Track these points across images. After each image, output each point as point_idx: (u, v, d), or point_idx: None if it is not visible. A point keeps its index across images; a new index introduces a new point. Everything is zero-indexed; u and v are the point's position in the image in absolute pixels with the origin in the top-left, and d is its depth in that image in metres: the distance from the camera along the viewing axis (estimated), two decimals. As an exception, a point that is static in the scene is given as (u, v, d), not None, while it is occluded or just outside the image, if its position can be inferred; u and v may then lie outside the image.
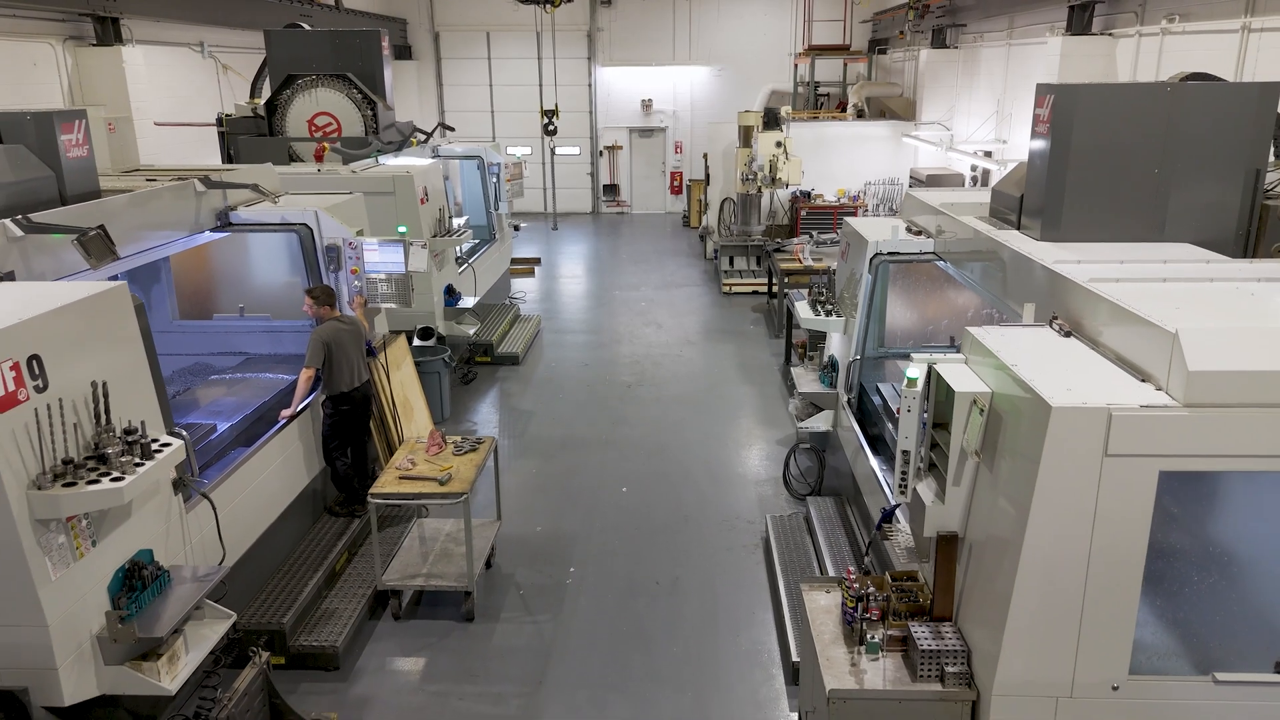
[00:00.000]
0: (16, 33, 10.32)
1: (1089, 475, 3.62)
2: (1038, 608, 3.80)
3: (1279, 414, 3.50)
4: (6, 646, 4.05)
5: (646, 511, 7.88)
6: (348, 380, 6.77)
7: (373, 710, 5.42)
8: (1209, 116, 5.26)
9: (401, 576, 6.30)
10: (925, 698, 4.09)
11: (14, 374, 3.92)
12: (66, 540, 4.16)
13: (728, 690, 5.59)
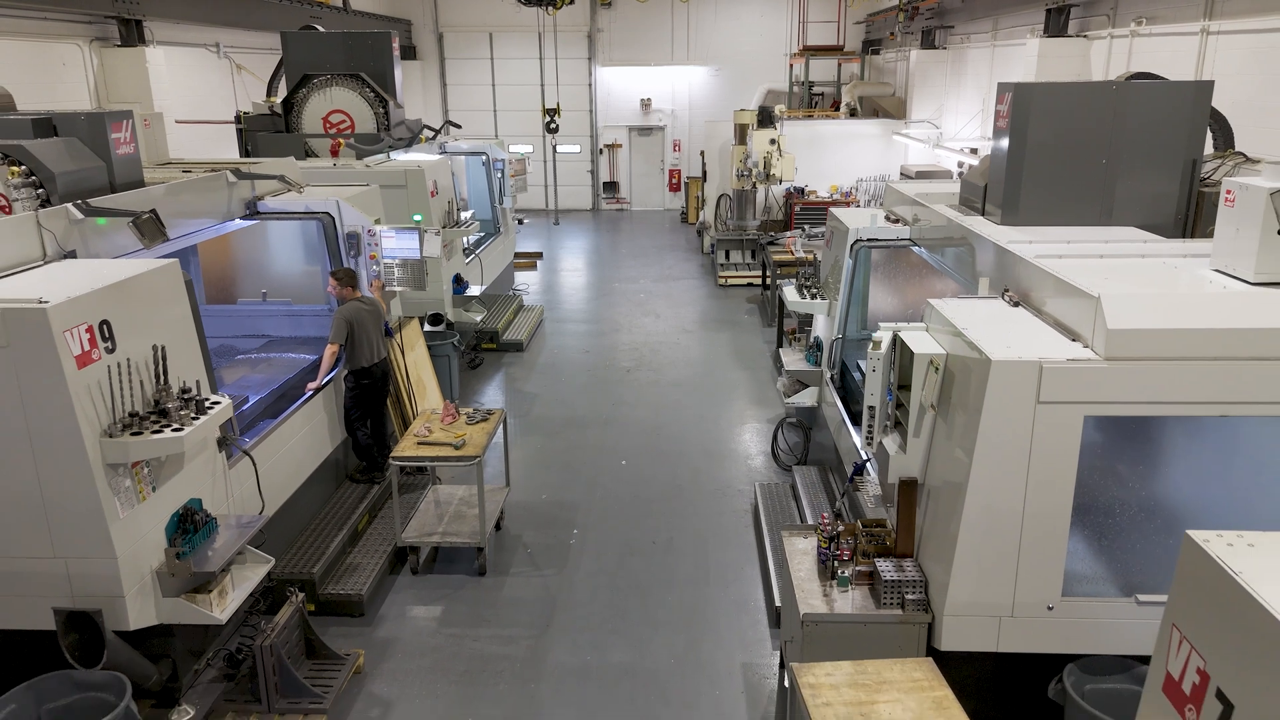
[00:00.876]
0: (47, 34, 10.89)
1: (1024, 421, 4.19)
2: (982, 540, 4.37)
3: (1186, 365, 4.07)
4: (81, 576, 4.61)
5: (644, 482, 8.44)
6: (368, 356, 7.33)
7: (395, 649, 5.99)
8: (1151, 112, 5.83)
9: (419, 534, 6.88)
10: (887, 620, 4.66)
11: (89, 336, 4.48)
12: (131, 484, 4.73)
13: (717, 633, 6.16)
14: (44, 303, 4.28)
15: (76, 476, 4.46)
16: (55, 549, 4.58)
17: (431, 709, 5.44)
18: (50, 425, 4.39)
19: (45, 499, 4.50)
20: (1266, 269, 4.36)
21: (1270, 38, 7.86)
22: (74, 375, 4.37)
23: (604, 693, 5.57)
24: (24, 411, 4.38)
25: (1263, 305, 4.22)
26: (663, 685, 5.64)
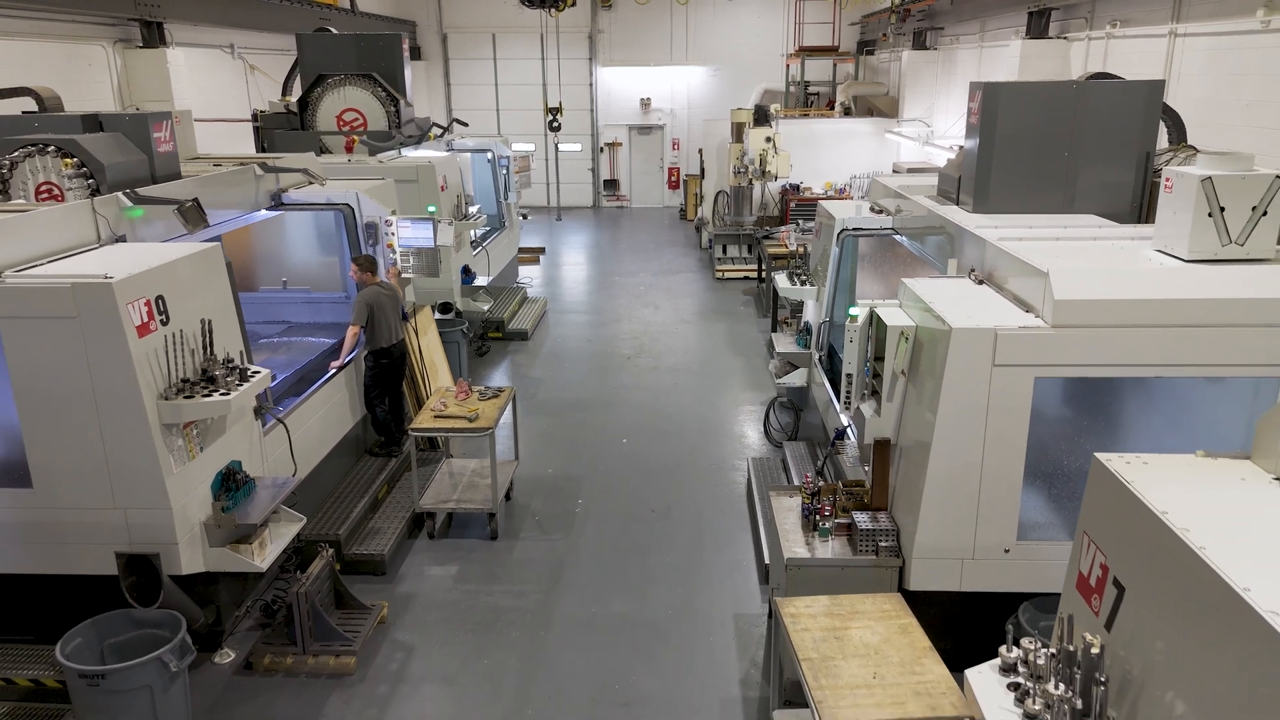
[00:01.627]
0: (75, 36, 11.40)
1: (981, 382, 4.72)
2: (945, 491, 4.90)
3: (1125, 331, 4.60)
4: (139, 525, 5.14)
5: (644, 458, 8.97)
6: (386, 337, 7.85)
7: (416, 603, 6.51)
8: (1108, 109, 6.36)
9: (435, 501, 7.40)
10: (862, 565, 5.19)
11: (147, 309, 5.02)
12: (183, 444, 5.26)
13: (711, 589, 6.69)
14: (109, 278, 4.81)
15: (137, 435, 4.99)
16: (116, 500, 5.11)
17: (451, 654, 5.97)
18: (114, 389, 4.92)
19: (108, 455, 5.03)
20: (1199, 247, 4.88)
21: (1227, 40, 8.39)
22: (135, 343, 4.90)
23: (608, 639, 6.10)
24: (90, 376, 4.91)
25: (1193, 279, 4.75)
26: (662, 633, 6.17)
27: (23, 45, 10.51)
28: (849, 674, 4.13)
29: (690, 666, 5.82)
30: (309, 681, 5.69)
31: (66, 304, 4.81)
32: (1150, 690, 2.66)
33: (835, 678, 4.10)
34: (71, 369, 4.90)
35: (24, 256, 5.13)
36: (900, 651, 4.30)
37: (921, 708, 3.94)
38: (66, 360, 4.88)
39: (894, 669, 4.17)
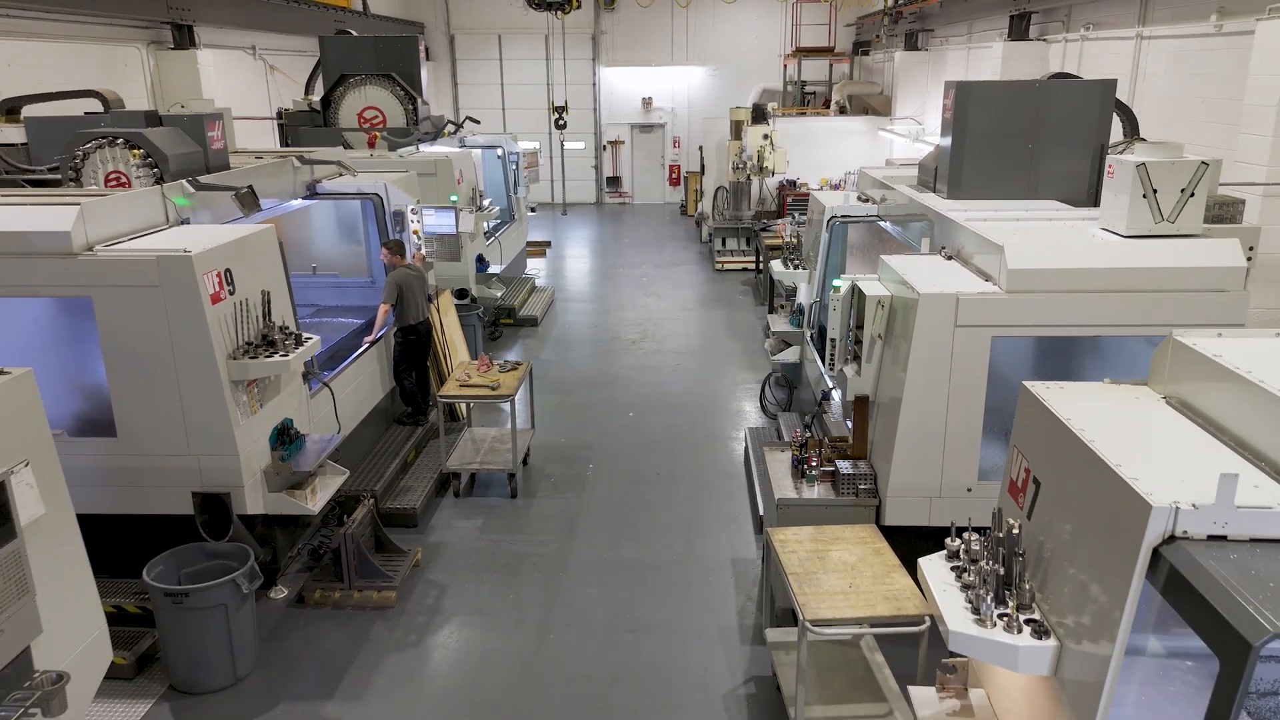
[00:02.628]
0: (112, 39, 12.13)
1: (945, 341, 5.45)
2: (915, 437, 5.63)
3: (1069, 296, 5.33)
4: (210, 470, 5.87)
5: (649, 429, 9.70)
6: (414, 315, 8.57)
7: (446, 550, 7.24)
8: (1067, 105, 7.08)
9: (460, 463, 8.13)
10: (844, 504, 5.92)
11: (218, 280, 5.74)
12: (246, 400, 5.98)
13: (711, 538, 7.42)
14: (188, 252, 5.54)
15: (210, 390, 5.71)
16: (190, 448, 5.83)
17: (479, 591, 6.70)
18: (191, 349, 5.64)
19: (184, 408, 5.75)
20: (1135, 225, 5.60)
21: (1186, 42, 9.12)
22: (209, 309, 5.62)
23: (619, 579, 6.83)
24: (170, 338, 5.63)
25: (1129, 251, 5.48)
26: (666, 574, 6.90)
27: (68, 47, 11.23)
28: (829, 584, 4.86)
29: (692, 601, 6.55)
30: (354, 614, 6.42)
31: (152, 274, 5.54)
32: (1056, 561, 3.38)
33: (817, 587, 4.83)
34: (154, 332, 5.62)
35: (109, 234, 5.85)
36: (873, 568, 5.03)
37: (889, 608, 4.67)
38: (150, 324, 5.61)
39: (867, 580, 4.90)
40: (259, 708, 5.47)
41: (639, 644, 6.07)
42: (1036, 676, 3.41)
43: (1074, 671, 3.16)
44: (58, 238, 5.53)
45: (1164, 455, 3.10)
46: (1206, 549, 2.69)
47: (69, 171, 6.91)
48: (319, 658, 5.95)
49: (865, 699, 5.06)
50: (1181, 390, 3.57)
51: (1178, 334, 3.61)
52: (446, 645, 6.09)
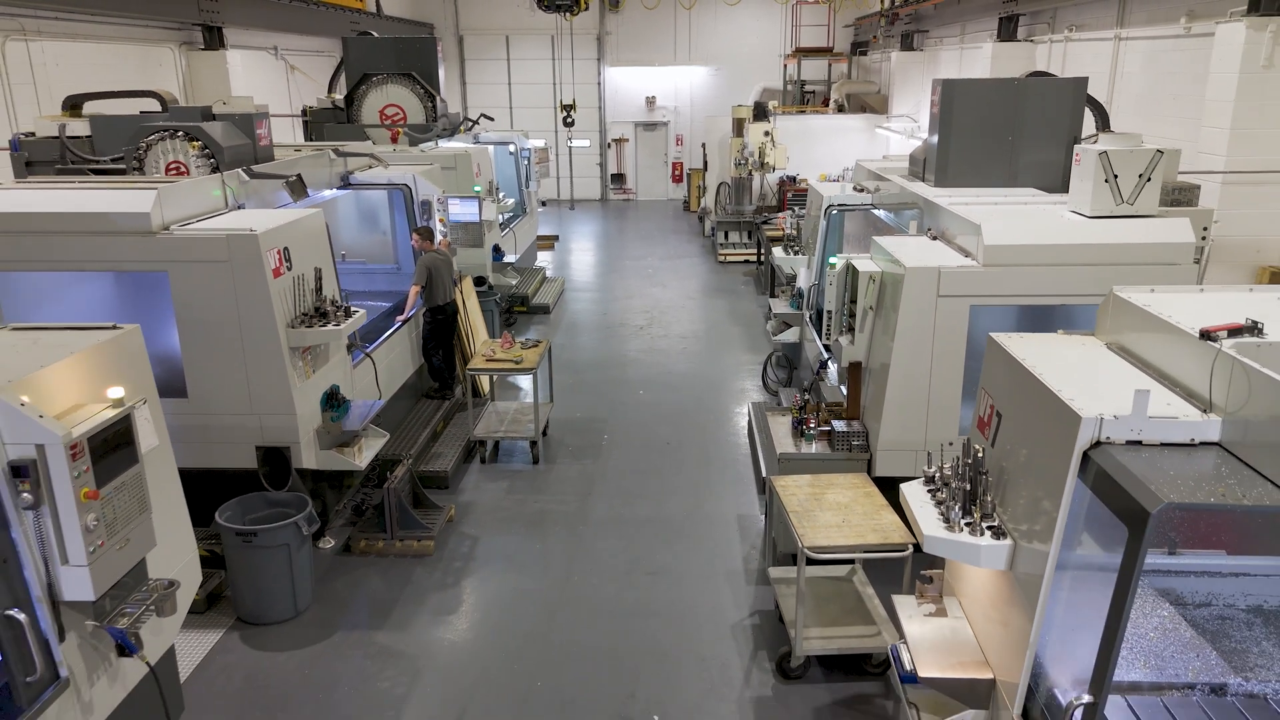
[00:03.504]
0: (148, 40, 12.80)
1: (929, 310, 6.12)
2: (902, 397, 6.30)
3: (1038, 269, 5.99)
4: (271, 427, 6.54)
5: (658, 405, 10.37)
6: (442, 296, 9.24)
7: (476, 508, 7.92)
8: (1043, 101, 7.76)
9: (485, 432, 8.81)
10: (839, 458, 6.60)
11: (278, 257, 6.42)
12: (301, 365, 6.66)
13: (717, 497, 8.09)
14: (254, 231, 6.21)
15: (271, 355, 6.38)
16: (253, 407, 6.50)
17: (508, 541, 7.37)
18: (255, 318, 6.31)
19: (248, 371, 6.42)
20: (1098, 206, 6.27)
21: (1159, 43, 9.79)
22: (272, 282, 6.30)
23: (635, 531, 7.50)
24: (237, 308, 6.30)
25: (1092, 230, 6.15)
26: (677, 528, 7.57)
27: (110, 48, 11.91)
28: (824, 519, 5.53)
29: (701, 549, 7.23)
30: (396, 561, 7.09)
31: (221, 251, 6.21)
32: (1012, 478, 4.04)
33: (814, 521, 5.50)
34: (222, 302, 6.29)
35: (180, 216, 6.52)
36: (864, 507, 5.70)
37: (877, 538, 5.34)
38: (219, 295, 6.28)
39: (858, 517, 5.57)
40: (318, 636, 6.15)
41: (654, 585, 6.75)
42: (995, 580, 4.08)
43: (1023, 565, 3.83)
44: (138, 218, 6.20)
45: (1097, 383, 3.77)
46: (1124, 450, 3.36)
47: (133, 161, 7.58)
48: (367, 596, 6.63)
49: (857, 623, 5.74)
50: (1120, 337, 4.25)
51: (1117, 289, 4.28)
52: (481, 586, 6.77)
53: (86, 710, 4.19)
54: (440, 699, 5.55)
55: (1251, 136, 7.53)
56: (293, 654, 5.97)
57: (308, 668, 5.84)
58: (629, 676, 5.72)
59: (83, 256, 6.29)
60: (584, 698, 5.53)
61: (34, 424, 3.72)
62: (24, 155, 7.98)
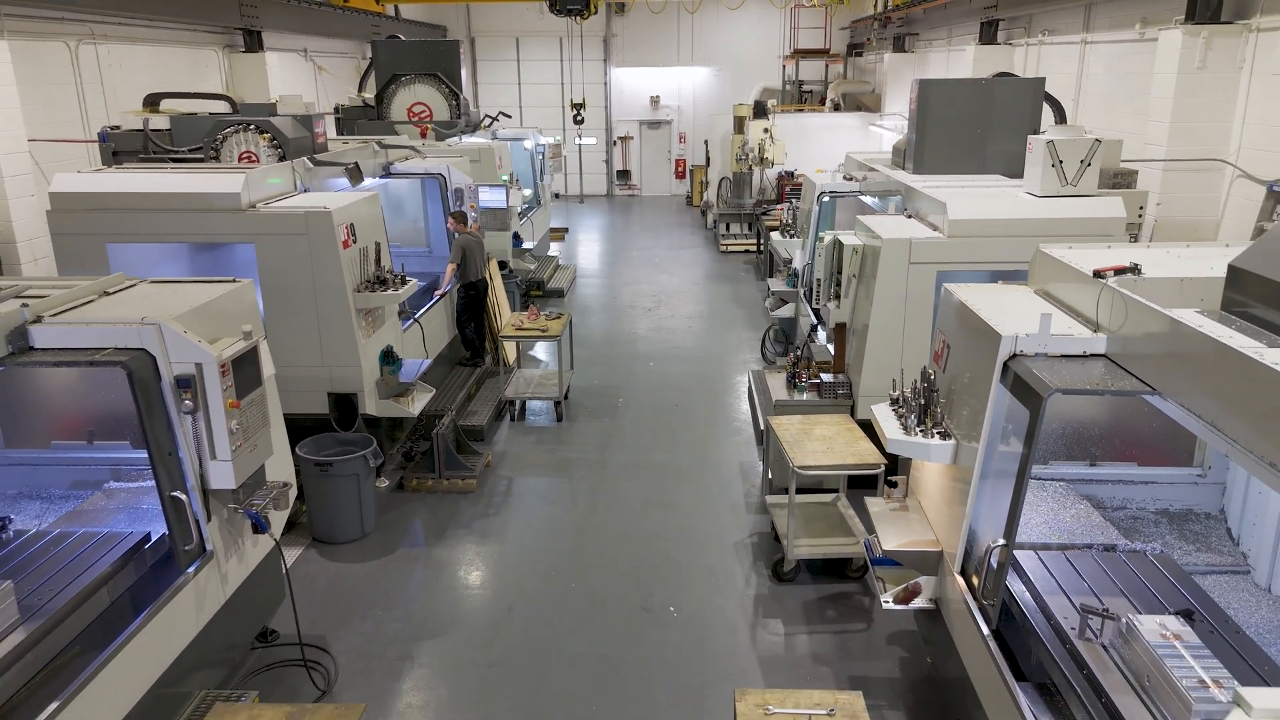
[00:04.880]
0: (195, 43, 13.90)
1: (902, 277, 7.21)
2: (879, 352, 7.38)
3: (993, 240, 7.08)
4: (339, 377, 7.63)
5: (667, 374, 11.46)
6: (475, 273, 10.32)
7: (509, 456, 9.01)
8: (1008, 98, 8.84)
9: (515, 393, 9.90)
10: (825, 404, 7.69)
11: (347, 231, 7.51)
12: (364, 325, 7.75)
13: (720, 448, 9.18)
14: (328, 209, 7.30)
15: (341, 314, 7.47)
16: (324, 360, 7.59)
17: (539, 482, 8.46)
18: (328, 283, 7.40)
19: (321, 328, 7.51)
20: (1047, 187, 7.36)
21: (1119, 47, 10.87)
22: (342, 253, 7.38)
23: (649, 475, 8.59)
24: (312, 275, 7.39)
25: (1040, 207, 7.24)
26: (686, 471, 8.66)
27: (162, 50, 13.00)
28: (811, 448, 6.62)
29: (707, 488, 8.32)
30: (443, 497, 8.18)
31: (300, 226, 7.30)
32: (957, 395, 5.12)
33: (803, 449, 6.59)
34: (300, 269, 7.37)
35: (262, 196, 7.61)
36: (845, 438, 6.79)
37: (855, 459, 6.43)
38: (297, 264, 7.36)
39: (840, 445, 6.66)
40: (382, 552, 7.24)
41: (668, 515, 7.84)
42: (942, 474, 5.17)
43: (962, 459, 4.92)
44: (231, 198, 7.29)
45: (1020, 315, 4.85)
46: (1032, 360, 4.44)
47: (210, 151, 8.68)
48: (421, 523, 7.72)
49: (839, 535, 6.83)
50: (1045, 285, 5.33)
51: (1042, 247, 5.37)
52: (519, 516, 7.86)
53: (224, 580, 5.29)
54: (491, 597, 6.65)
55: (1188, 129, 8.61)
56: (363, 565, 7.07)
57: (377, 576, 6.93)
58: (648, 581, 6.81)
59: (182, 230, 7.39)
60: (612, 597, 6.61)
61: (195, 347, 4.80)
62: (111, 146, 9.05)
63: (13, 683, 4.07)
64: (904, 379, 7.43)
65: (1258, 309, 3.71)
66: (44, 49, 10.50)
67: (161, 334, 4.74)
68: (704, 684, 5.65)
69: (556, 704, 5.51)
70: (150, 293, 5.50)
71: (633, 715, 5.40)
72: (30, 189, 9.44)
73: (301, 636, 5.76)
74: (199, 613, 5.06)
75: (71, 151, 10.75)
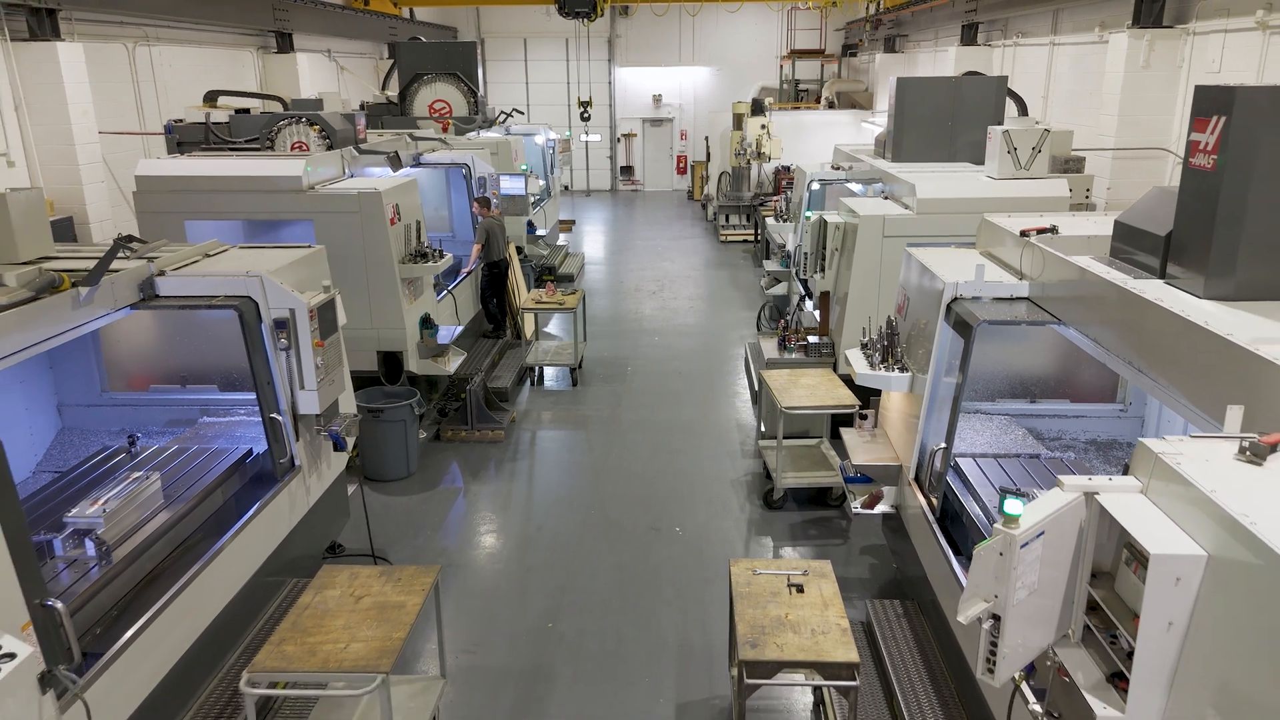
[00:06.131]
0: (233, 44, 14.99)
1: (876, 249, 8.30)
2: (857, 314, 8.46)
3: (955, 216, 8.16)
4: (386, 338, 8.72)
5: (671, 347, 12.56)
6: (497, 253, 11.42)
7: (531, 414, 10.11)
8: (975, 94, 9.93)
9: (535, 360, 11.00)
10: (811, 362, 8.78)
11: (393, 210, 8.60)
12: (407, 293, 8.84)
13: (720, 408, 10.28)
14: (378, 190, 8.39)
15: (388, 282, 8.56)
16: (373, 323, 8.67)
17: (560, 433, 9.56)
18: (377, 255, 8.48)
19: (370, 294, 8.59)
20: (1003, 171, 8.45)
21: (1081, 48, 11.96)
22: (390, 229, 8.47)
23: (656, 429, 9.69)
24: (363, 248, 8.47)
25: (996, 187, 8.33)
26: (690, 426, 9.76)
27: (204, 51, 14.10)
28: (797, 394, 7.71)
29: (707, 440, 9.41)
30: (475, 445, 9.28)
31: (353, 204, 8.39)
32: (914, 337, 6.21)
33: (790, 393, 7.68)
34: (352, 243, 8.46)
35: (319, 179, 8.71)
36: (826, 387, 7.88)
37: (833, 402, 7.53)
38: (350, 238, 8.44)
39: (821, 391, 7.76)
40: (426, 487, 8.34)
41: (673, 459, 8.93)
42: (902, 402, 6.26)
43: (916, 388, 6.01)
44: (293, 180, 8.38)
45: (962, 269, 5.93)
46: (969, 302, 5.53)
47: (266, 141, 9.77)
48: (458, 465, 8.82)
49: (821, 469, 7.93)
50: (987, 247, 6.42)
51: (986, 216, 6.46)
52: (543, 460, 8.96)
53: (307, 491, 6.39)
54: (523, 520, 7.74)
55: (1135, 121, 9.70)
56: (411, 497, 8.17)
57: (423, 505, 8.03)
58: (657, 508, 7.91)
59: (250, 209, 8.48)
60: (626, 520, 7.71)
61: (289, 295, 5.89)
62: (175, 137, 10.15)
63: (160, 551, 5.17)
64: (873, 328, 8.57)
65: (1132, 253, 4.80)
66: (107, 51, 11.59)
67: (263, 284, 5.84)
68: (703, 583, 6.75)
69: (582, 595, 6.61)
70: (241, 255, 6.58)
71: (644, 602, 6.50)
72: (101, 176, 10.54)
73: (371, 542, 6.86)
74: (290, 514, 6.15)
75: (129, 143, 11.85)
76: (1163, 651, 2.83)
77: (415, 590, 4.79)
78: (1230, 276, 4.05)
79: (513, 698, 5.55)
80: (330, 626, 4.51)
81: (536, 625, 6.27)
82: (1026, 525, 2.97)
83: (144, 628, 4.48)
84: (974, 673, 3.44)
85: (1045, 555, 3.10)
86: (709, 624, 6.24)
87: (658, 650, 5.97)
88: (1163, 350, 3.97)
